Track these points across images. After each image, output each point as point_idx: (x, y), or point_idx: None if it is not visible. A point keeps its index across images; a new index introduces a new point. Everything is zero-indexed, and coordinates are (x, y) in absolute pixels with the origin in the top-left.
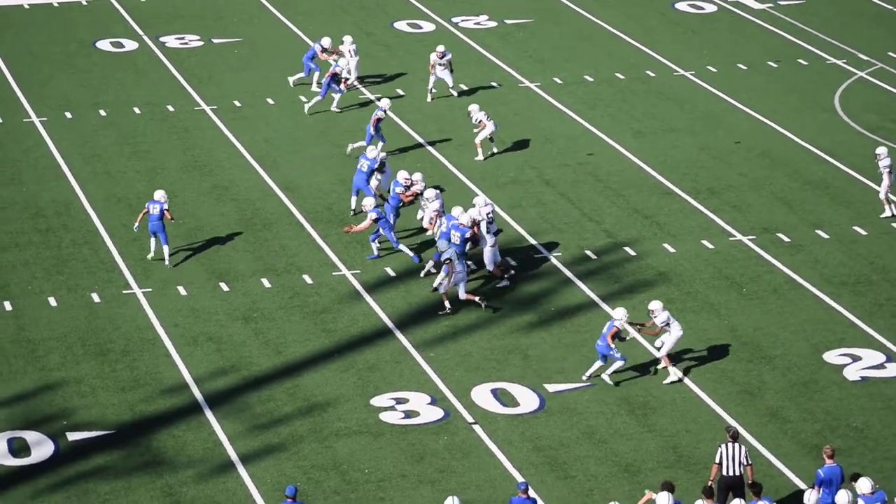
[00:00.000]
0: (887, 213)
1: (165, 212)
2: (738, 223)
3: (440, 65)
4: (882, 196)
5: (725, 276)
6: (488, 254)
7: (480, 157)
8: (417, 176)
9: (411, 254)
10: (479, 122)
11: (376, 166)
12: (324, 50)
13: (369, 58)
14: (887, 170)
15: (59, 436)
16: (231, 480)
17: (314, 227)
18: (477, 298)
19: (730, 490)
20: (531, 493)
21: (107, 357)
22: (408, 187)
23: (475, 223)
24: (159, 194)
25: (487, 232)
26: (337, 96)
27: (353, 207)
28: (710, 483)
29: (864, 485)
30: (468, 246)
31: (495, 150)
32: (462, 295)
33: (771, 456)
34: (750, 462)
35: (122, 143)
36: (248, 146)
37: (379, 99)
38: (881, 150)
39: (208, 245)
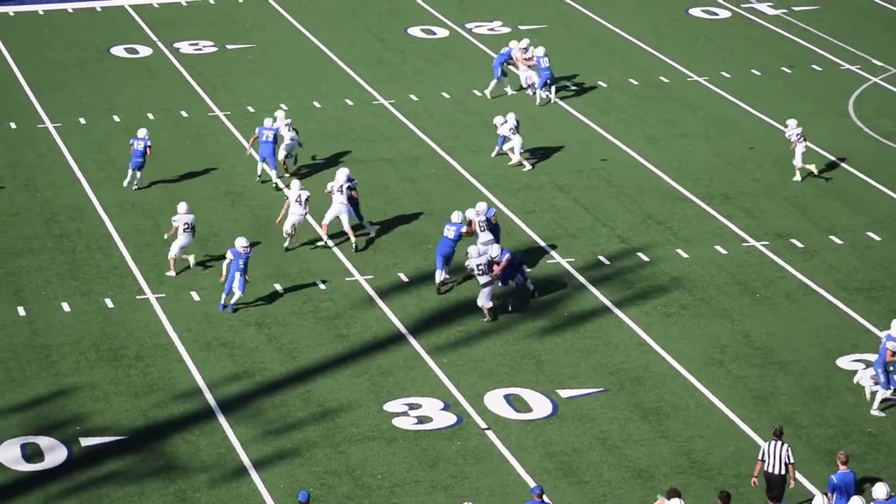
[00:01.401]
0: (797, 178)
1: (148, 149)
2: (752, 229)
3: (524, 60)
4: (798, 165)
5: (739, 281)
6: (482, 293)
7: (527, 166)
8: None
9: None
10: (505, 137)
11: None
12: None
13: (383, 63)
14: (800, 139)
15: (72, 441)
16: (244, 486)
17: (327, 234)
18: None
19: (771, 486)
20: (546, 497)
21: (120, 362)
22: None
23: (470, 222)
24: (143, 132)
25: (481, 230)
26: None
27: (259, 174)
28: (753, 480)
29: (880, 490)
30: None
31: (525, 164)
32: (480, 301)
33: None
34: (792, 461)
35: None
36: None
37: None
38: (791, 122)
39: (221, 250)
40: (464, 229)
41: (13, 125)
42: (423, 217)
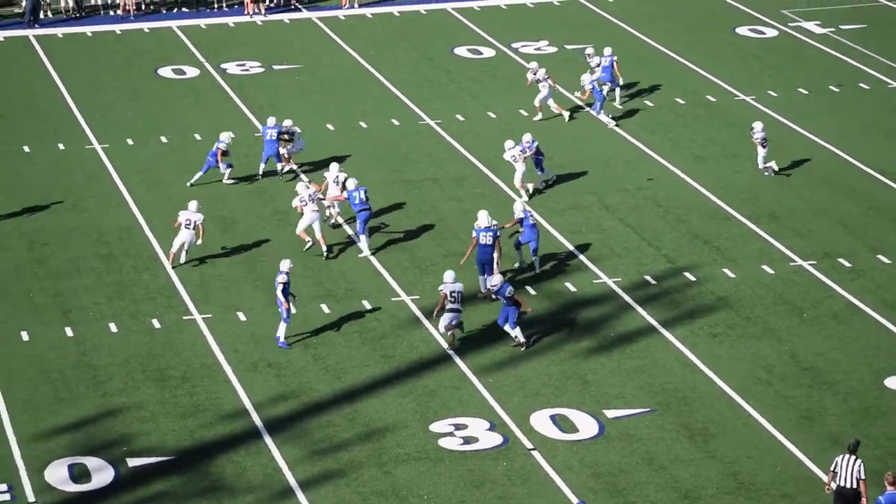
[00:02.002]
0: (769, 173)
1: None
2: (799, 248)
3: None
4: (761, 165)
5: (786, 301)
6: (446, 316)
7: (523, 195)
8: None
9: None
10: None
11: (282, 132)
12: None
13: (430, 83)
14: (763, 142)
15: (119, 462)
16: None
17: (373, 253)
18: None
19: (844, 501)
20: None
21: (167, 383)
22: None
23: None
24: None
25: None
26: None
27: (259, 173)
28: (826, 488)
29: None
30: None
31: (538, 186)
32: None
33: None
34: (864, 477)
35: (183, 170)
36: (308, 172)
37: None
38: (757, 125)
39: (268, 271)
40: (499, 233)
41: (62, 146)
42: (468, 237)
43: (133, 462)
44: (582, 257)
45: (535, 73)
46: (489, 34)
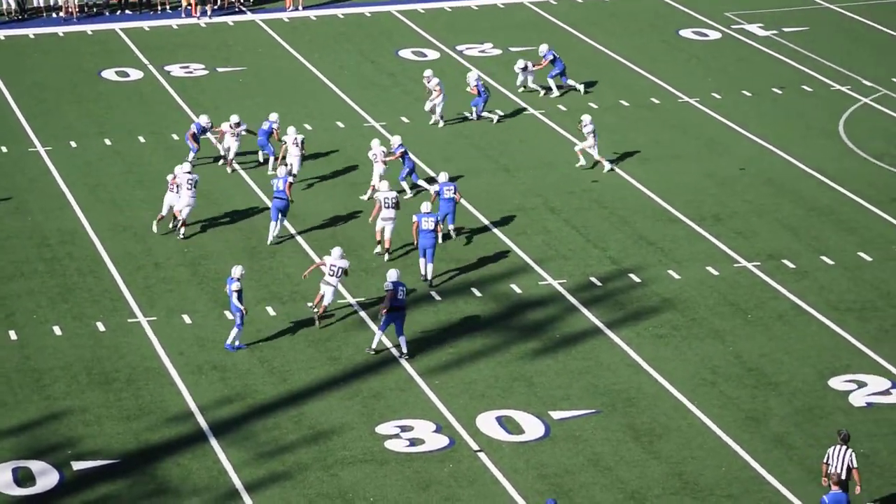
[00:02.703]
0: (582, 163)
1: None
2: (743, 249)
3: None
4: (578, 149)
5: (730, 302)
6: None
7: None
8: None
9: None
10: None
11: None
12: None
13: (374, 85)
14: (591, 134)
15: (63, 465)
16: None
17: (318, 255)
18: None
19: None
20: None
21: (112, 386)
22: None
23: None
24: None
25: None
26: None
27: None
28: (823, 480)
29: None
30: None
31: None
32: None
33: (776, 482)
34: (856, 465)
35: (127, 172)
36: (252, 174)
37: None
38: (585, 117)
39: (213, 273)
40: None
41: (4, 149)
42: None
43: (78, 465)
44: (527, 259)
45: (429, 82)
46: (433, 37)
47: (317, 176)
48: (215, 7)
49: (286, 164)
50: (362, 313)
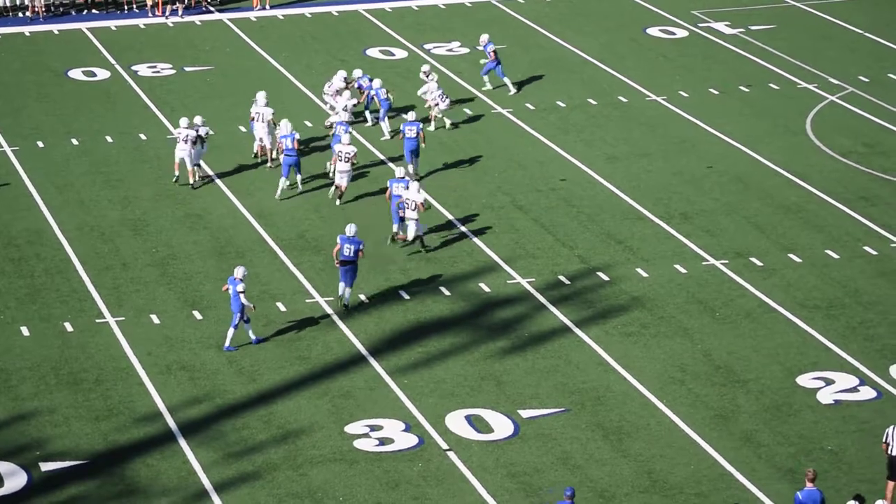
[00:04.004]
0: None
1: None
2: (711, 248)
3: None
4: (433, 109)
5: (699, 300)
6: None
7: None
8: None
9: None
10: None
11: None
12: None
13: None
14: (443, 98)
15: (32, 466)
16: None
17: (287, 255)
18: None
19: (893, 468)
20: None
21: (80, 386)
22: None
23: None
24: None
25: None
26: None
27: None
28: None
29: None
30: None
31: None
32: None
33: (745, 480)
34: None
35: (94, 172)
36: (220, 174)
37: None
38: (431, 83)
39: (181, 273)
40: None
41: None
42: (383, 238)
43: (46, 466)
44: (496, 258)
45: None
46: (401, 35)
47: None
48: (184, 7)
49: (276, 127)
50: (330, 312)
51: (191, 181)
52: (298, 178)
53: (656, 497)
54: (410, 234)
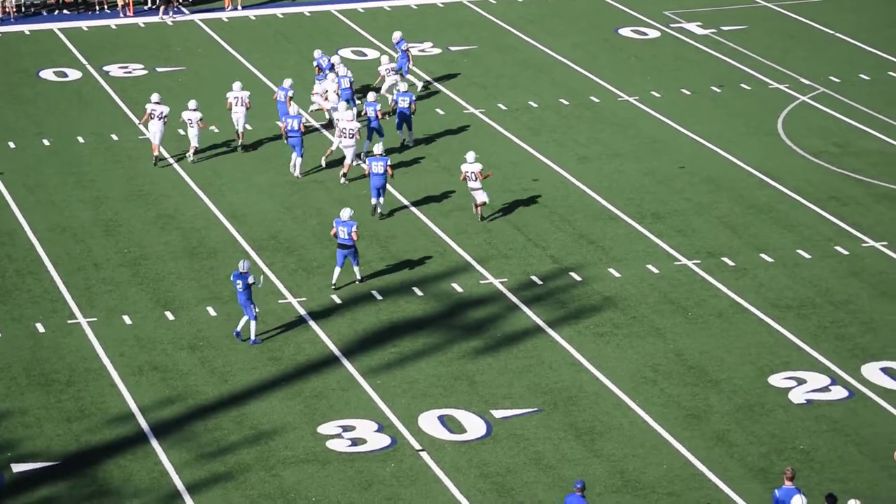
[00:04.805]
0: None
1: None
2: (683, 247)
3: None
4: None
5: (671, 300)
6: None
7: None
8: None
9: None
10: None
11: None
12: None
13: (314, 85)
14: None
15: (3, 468)
16: None
17: (260, 256)
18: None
19: None
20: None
21: (51, 387)
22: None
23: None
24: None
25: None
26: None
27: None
28: None
29: None
30: None
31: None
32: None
33: (717, 480)
34: None
35: (66, 173)
36: (192, 175)
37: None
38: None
39: (153, 274)
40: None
41: None
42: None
43: (18, 468)
44: (468, 258)
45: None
46: (373, 36)
47: (258, 176)
48: (153, 7)
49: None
50: (303, 312)
51: (155, 154)
52: (299, 159)
53: (629, 497)
54: (482, 199)
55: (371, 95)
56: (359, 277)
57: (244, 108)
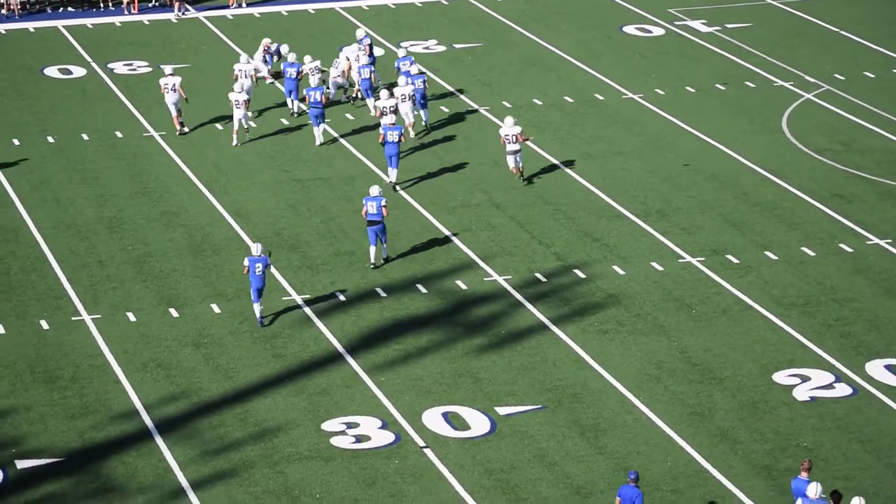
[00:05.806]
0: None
1: (300, 73)
2: (688, 245)
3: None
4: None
5: (675, 297)
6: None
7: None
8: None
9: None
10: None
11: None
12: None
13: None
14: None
15: (7, 464)
16: None
17: (264, 253)
18: None
19: None
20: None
21: (56, 384)
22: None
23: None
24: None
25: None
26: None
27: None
28: None
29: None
30: None
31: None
32: None
33: (722, 477)
34: None
35: (70, 170)
36: (196, 172)
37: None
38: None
39: (158, 271)
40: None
41: None
42: (360, 236)
43: (22, 464)
44: (472, 255)
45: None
46: (378, 34)
47: (262, 173)
48: (156, 5)
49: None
50: (307, 310)
51: (177, 127)
52: (322, 127)
53: None
54: (515, 165)
55: (415, 68)
56: (384, 256)
57: (250, 80)
